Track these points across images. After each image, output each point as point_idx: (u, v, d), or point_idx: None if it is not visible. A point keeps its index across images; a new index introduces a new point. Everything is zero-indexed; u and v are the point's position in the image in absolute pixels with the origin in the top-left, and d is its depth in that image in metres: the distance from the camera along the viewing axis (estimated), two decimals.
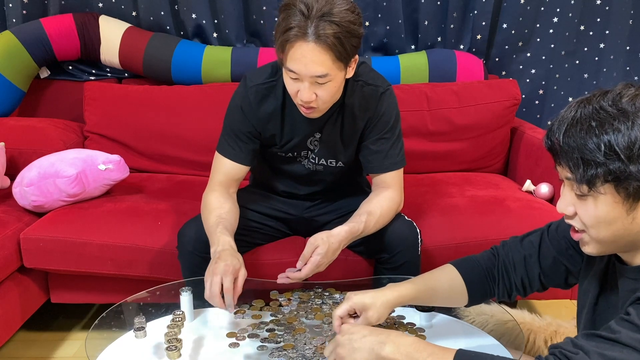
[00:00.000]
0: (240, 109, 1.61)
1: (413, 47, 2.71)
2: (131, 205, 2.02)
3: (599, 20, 2.70)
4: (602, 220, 0.93)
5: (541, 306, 2.39)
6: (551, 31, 2.68)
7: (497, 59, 2.73)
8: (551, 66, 2.74)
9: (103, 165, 2.01)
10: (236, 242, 1.49)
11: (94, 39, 2.52)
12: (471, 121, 2.39)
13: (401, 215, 1.69)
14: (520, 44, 2.71)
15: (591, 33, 2.72)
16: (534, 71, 2.74)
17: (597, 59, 2.75)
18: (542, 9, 2.66)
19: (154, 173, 2.41)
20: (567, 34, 2.70)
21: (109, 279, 1.94)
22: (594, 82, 2.78)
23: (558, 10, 2.65)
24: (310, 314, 1.37)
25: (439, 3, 2.63)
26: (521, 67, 2.74)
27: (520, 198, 2.09)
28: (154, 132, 2.39)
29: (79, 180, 1.97)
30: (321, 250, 1.43)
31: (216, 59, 2.53)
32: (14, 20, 2.57)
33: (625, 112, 0.88)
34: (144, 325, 1.28)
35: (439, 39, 2.69)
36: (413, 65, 2.55)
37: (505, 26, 2.66)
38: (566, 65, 2.75)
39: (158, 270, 1.86)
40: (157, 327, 1.30)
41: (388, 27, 2.64)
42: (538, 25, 2.68)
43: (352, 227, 1.51)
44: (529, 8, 2.64)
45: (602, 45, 2.73)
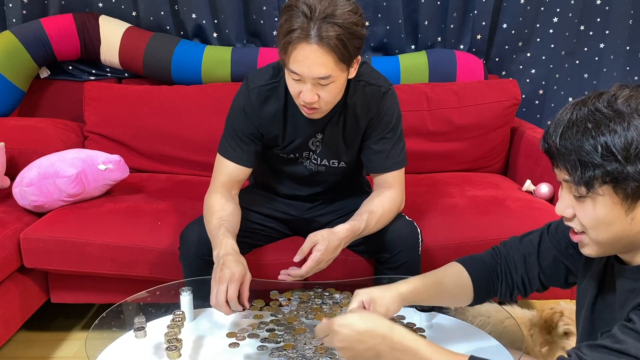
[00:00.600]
0: (242, 111, 1.61)
1: (413, 47, 2.71)
2: (131, 205, 2.02)
3: (599, 20, 2.70)
4: (601, 221, 0.93)
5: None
6: (551, 31, 2.68)
7: (497, 59, 2.73)
8: (551, 66, 2.74)
9: (103, 165, 2.01)
10: (238, 244, 1.49)
11: (94, 39, 2.52)
12: (471, 121, 2.39)
13: (402, 215, 1.69)
14: (520, 44, 2.71)
15: (591, 33, 2.72)
16: (534, 71, 2.74)
17: (597, 59, 2.75)
18: (542, 9, 2.66)
19: (154, 173, 2.41)
20: (567, 34, 2.70)
21: (109, 279, 1.94)
22: (594, 82, 2.78)
23: (558, 10, 2.65)
24: (310, 314, 1.37)
25: (439, 3, 2.63)
26: (521, 67, 2.74)
27: (520, 198, 2.09)
28: (154, 132, 2.39)
29: (79, 180, 1.96)
30: (321, 247, 1.43)
31: (216, 59, 2.53)
32: (14, 20, 2.57)
33: (620, 113, 0.88)
34: (144, 325, 1.28)
35: (439, 39, 2.69)
36: (413, 65, 2.55)
37: (505, 26, 2.66)
38: (566, 65, 2.75)
39: (158, 270, 1.86)
40: (157, 327, 1.30)
41: (388, 27, 2.64)
42: (538, 25, 2.68)
43: (354, 226, 1.51)
44: (529, 8, 2.64)
45: (602, 45, 2.73)
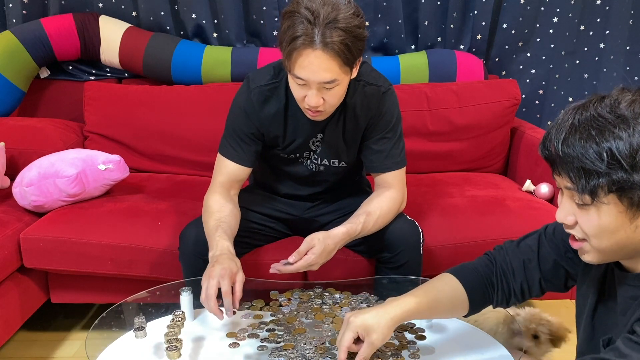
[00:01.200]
0: (243, 111, 1.61)
1: (413, 47, 2.71)
2: (131, 205, 2.02)
3: (599, 20, 2.70)
4: (605, 229, 0.90)
5: (541, 306, 2.39)
6: (551, 31, 2.69)
7: (497, 59, 2.74)
8: (551, 66, 2.74)
9: (103, 165, 2.01)
10: (237, 244, 1.48)
11: (94, 39, 2.52)
12: (471, 121, 2.39)
13: (403, 215, 1.69)
14: (520, 44, 2.71)
15: (591, 33, 2.72)
16: (534, 71, 2.74)
17: (597, 59, 2.75)
18: (542, 9, 2.66)
19: (154, 173, 2.41)
20: (567, 34, 2.70)
21: (109, 279, 1.94)
22: (594, 82, 2.78)
23: (558, 10, 2.65)
24: (310, 313, 1.37)
25: (439, 3, 2.63)
26: (521, 67, 2.74)
27: (520, 198, 2.09)
28: (154, 132, 2.39)
29: (79, 180, 1.96)
30: (316, 250, 1.43)
31: (216, 59, 2.53)
32: (14, 20, 2.57)
33: (624, 118, 0.85)
34: (144, 325, 1.28)
35: (439, 39, 2.69)
36: (413, 65, 2.55)
37: (505, 26, 2.66)
38: (566, 65, 2.75)
39: (158, 270, 1.86)
40: (157, 327, 1.30)
41: (388, 27, 2.64)
42: (538, 25, 2.68)
43: (350, 229, 1.52)
44: (529, 8, 2.64)
45: (602, 45, 2.73)
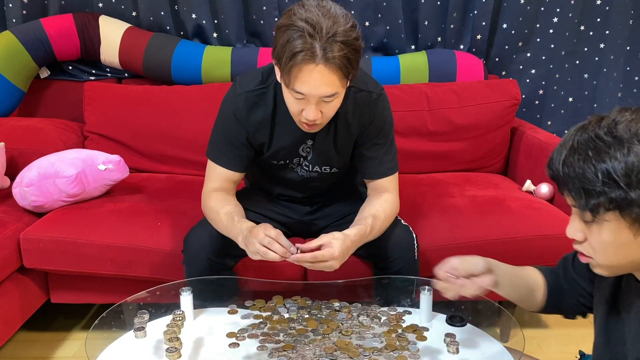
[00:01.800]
0: (233, 115, 1.58)
1: (413, 47, 2.71)
2: (131, 205, 2.02)
3: (599, 20, 2.70)
4: (609, 245, 0.93)
5: None
6: (551, 31, 2.69)
7: (497, 59, 2.73)
8: (551, 66, 2.74)
9: (103, 165, 2.01)
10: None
11: (94, 39, 2.52)
12: (471, 121, 2.39)
13: (398, 220, 1.68)
14: (520, 44, 2.71)
15: (591, 33, 2.72)
16: (534, 71, 2.74)
17: (597, 59, 2.75)
18: (542, 9, 2.66)
19: (154, 173, 2.41)
20: (567, 34, 2.70)
21: (109, 279, 1.94)
22: (594, 82, 2.78)
23: (558, 10, 2.65)
24: (305, 320, 1.35)
25: (439, 3, 2.63)
26: (521, 67, 2.74)
27: (520, 198, 2.09)
28: (154, 132, 2.39)
29: (78, 180, 1.96)
30: (336, 251, 1.36)
31: (216, 59, 2.53)
32: (14, 20, 2.57)
33: (620, 139, 0.88)
34: (144, 325, 1.28)
35: (439, 39, 2.69)
36: (413, 65, 2.55)
37: (505, 26, 2.66)
38: (566, 65, 2.75)
39: (158, 270, 1.86)
40: (157, 327, 1.30)
41: (388, 27, 2.64)
42: (538, 25, 2.68)
43: (360, 230, 1.48)
44: (529, 8, 2.64)
45: (602, 45, 2.73)
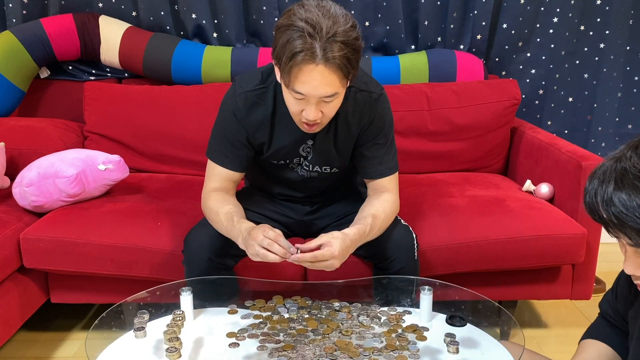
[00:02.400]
0: (233, 115, 1.58)
1: (413, 47, 2.71)
2: (131, 205, 2.01)
3: (599, 20, 2.70)
4: None
5: (541, 306, 2.39)
6: (551, 31, 2.69)
7: (497, 59, 2.74)
8: (551, 66, 2.74)
9: (103, 165, 2.01)
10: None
11: (94, 39, 2.52)
12: (471, 121, 2.39)
13: (398, 220, 1.68)
14: (520, 44, 2.71)
15: (591, 33, 2.72)
16: (534, 71, 2.75)
17: (597, 59, 2.76)
18: (542, 9, 2.66)
19: (153, 173, 2.41)
20: (567, 34, 2.70)
21: (109, 279, 1.94)
22: (594, 82, 2.79)
23: (558, 10, 2.66)
24: (305, 320, 1.35)
25: (439, 3, 2.63)
26: (521, 67, 2.74)
27: (520, 198, 2.09)
28: (154, 132, 2.39)
29: (78, 180, 1.96)
30: (336, 250, 1.37)
31: (216, 59, 2.53)
32: (14, 20, 2.57)
33: None
34: (144, 325, 1.28)
35: (439, 39, 2.69)
36: (413, 65, 2.55)
37: (505, 26, 2.67)
38: (566, 65, 2.75)
39: (158, 270, 1.86)
40: (157, 327, 1.30)
41: (388, 27, 2.64)
42: (538, 25, 2.68)
43: (359, 229, 1.48)
44: (529, 8, 2.65)
45: (602, 45, 2.74)
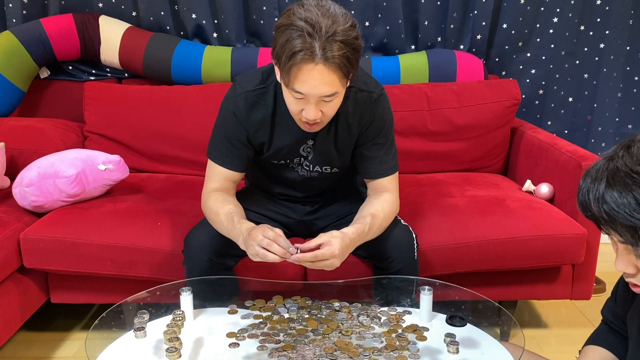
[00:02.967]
0: (233, 115, 1.58)
1: (413, 47, 2.71)
2: (131, 205, 2.01)
3: (599, 20, 2.70)
4: None
5: (541, 306, 2.39)
6: (551, 31, 2.69)
7: (497, 59, 2.74)
8: (551, 66, 2.74)
9: (103, 166, 2.01)
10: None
11: (94, 39, 2.52)
12: (471, 121, 2.39)
13: (398, 220, 1.68)
14: (520, 44, 2.71)
15: (591, 33, 2.72)
16: (534, 71, 2.75)
17: (597, 59, 2.76)
18: (542, 9, 2.66)
19: (153, 173, 2.41)
20: (567, 34, 2.70)
21: (109, 279, 1.94)
22: (594, 82, 2.79)
23: (558, 10, 2.66)
24: (310, 317, 1.35)
25: (439, 3, 2.63)
26: (521, 67, 2.74)
27: (520, 198, 2.09)
28: (154, 132, 2.39)
29: (78, 180, 1.96)
30: (336, 249, 1.37)
31: (216, 59, 2.53)
32: (14, 20, 2.57)
33: None
34: (144, 325, 1.28)
35: (439, 39, 2.69)
36: (413, 65, 2.55)
37: (505, 26, 2.67)
38: (566, 65, 2.75)
39: (158, 270, 1.86)
40: (157, 327, 1.30)
41: (388, 27, 2.65)
42: (538, 25, 2.69)
43: (358, 228, 1.48)
44: (529, 8, 2.65)
45: (602, 45, 2.74)
